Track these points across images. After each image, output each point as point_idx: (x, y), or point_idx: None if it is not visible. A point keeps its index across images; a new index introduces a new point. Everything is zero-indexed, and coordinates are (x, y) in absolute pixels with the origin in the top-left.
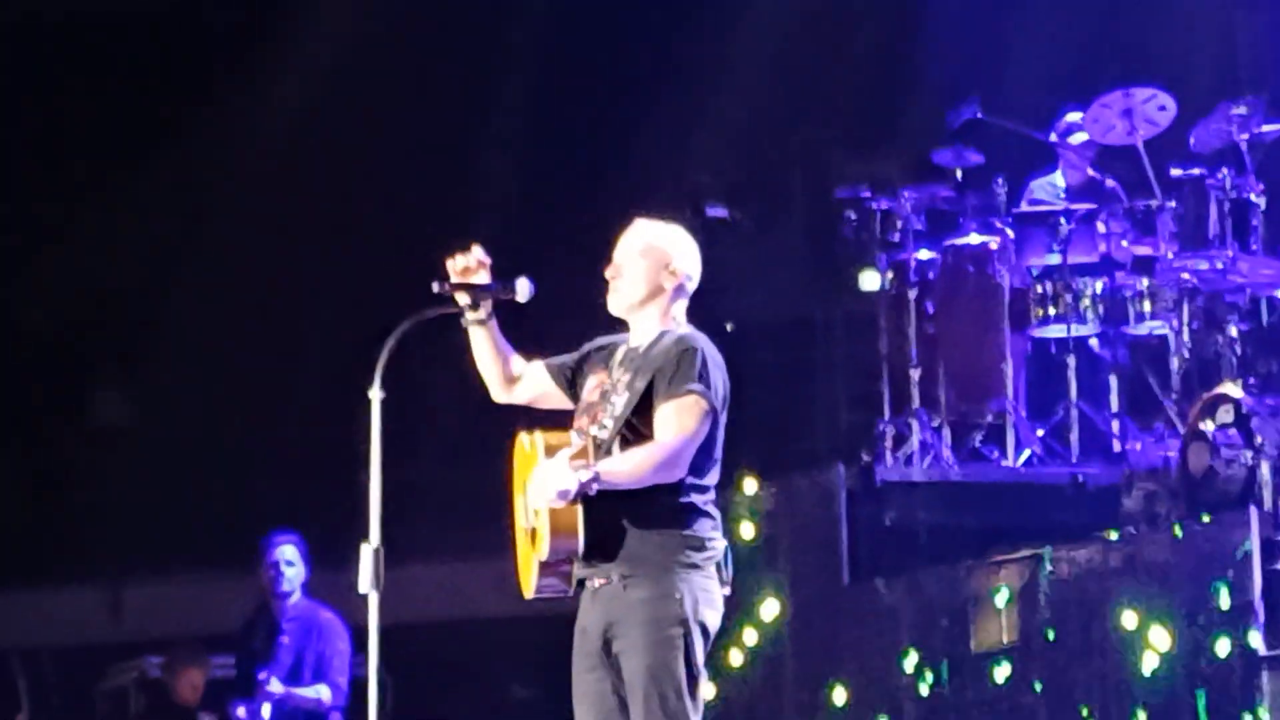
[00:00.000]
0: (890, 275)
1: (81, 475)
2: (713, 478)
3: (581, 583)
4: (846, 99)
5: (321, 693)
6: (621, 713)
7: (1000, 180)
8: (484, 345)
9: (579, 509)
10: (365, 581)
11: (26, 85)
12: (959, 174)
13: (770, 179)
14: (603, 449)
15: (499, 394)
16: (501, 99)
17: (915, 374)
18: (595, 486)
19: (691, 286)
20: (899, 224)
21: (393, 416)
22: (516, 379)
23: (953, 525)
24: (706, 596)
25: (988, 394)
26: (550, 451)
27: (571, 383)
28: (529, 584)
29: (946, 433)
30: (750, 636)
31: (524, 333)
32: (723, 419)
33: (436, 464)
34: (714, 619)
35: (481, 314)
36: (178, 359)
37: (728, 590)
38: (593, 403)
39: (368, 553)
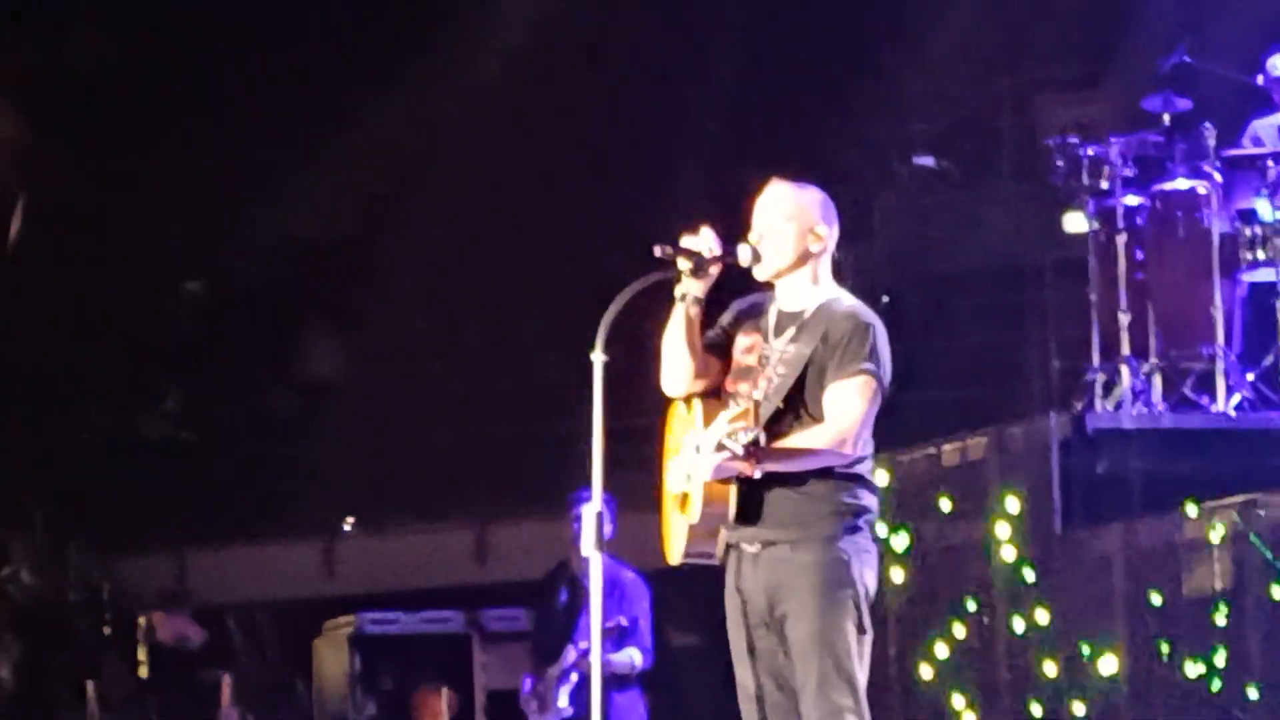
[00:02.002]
0: (1098, 222)
1: (296, 430)
2: (871, 444)
3: (729, 548)
4: (1055, 45)
5: (634, 657)
6: (788, 673)
7: (1208, 125)
8: (687, 329)
9: (731, 490)
10: (588, 544)
11: (240, 38)
12: (1167, 119)
13: (978, 126)
14: (763, 416)
15: (682, 385)
16: (712, 54)
17: (1125, 320)
18: (759, 473)
19: (833, 245)
20: (1107, 170)
21: (610, 377)
22: (703, 373)
23: (1164, 472)
24: (868, 558)
25: (1197, 339)
26: (709, 419)
27: (727, 352)
28: (677, 549)
29: (1157, 379)
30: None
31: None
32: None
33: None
34: (874, 579)
35: (698, 290)
36: (392, 313)
37: (879, 548)
38: (750, 366)
39: (590, 515)
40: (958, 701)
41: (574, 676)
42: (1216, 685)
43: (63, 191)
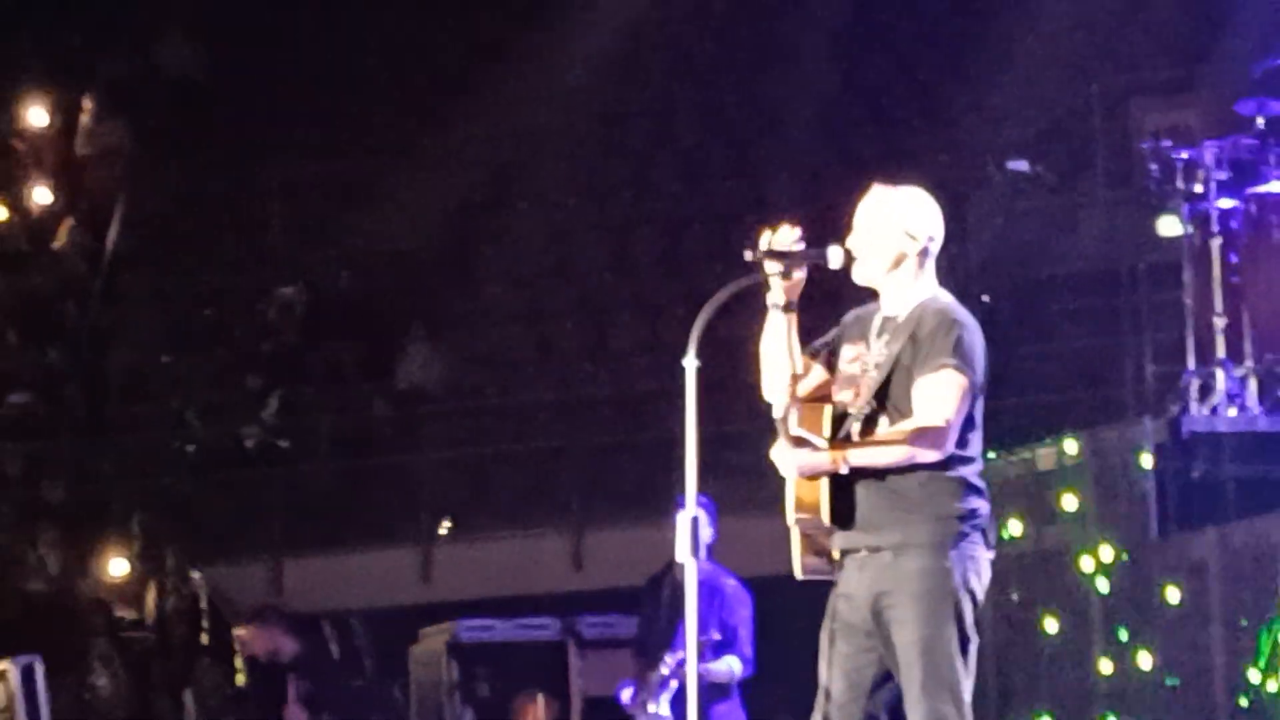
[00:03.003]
0: (1192, 225)
1: (392, 437)
2: (976, 447)
3: (842, 555)
4: (1148, 49)
5: (733, 666)
6: (876, 684)
7: None
8: (782, 335)
9: (822, 484)
10: (683, 550)
11: (336, 48)
12: (1261, 123)
13: (1072, 130)
14: (860, 421)
15: (781, 392)
16: (804, 60)
17: (1220, 324)
18: (845, 468)
19: (935, 248)
20: (1201, 174)
21: (705, 382)
22: (801, 378)
23: (1260, 476)
24: (975, 565)
25: None
26: (806, 425)
27: (833, 366)
28: (797, 564)
29: (1252, 383)
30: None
31: (830, 299)
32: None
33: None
34: (981, 586)
35: (782, 299)
36: (488, 320)
37: (992, 554)
38: (853, 375)
39: (684, 521)
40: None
41: (674, 684)
42: None
43: (161, 199)
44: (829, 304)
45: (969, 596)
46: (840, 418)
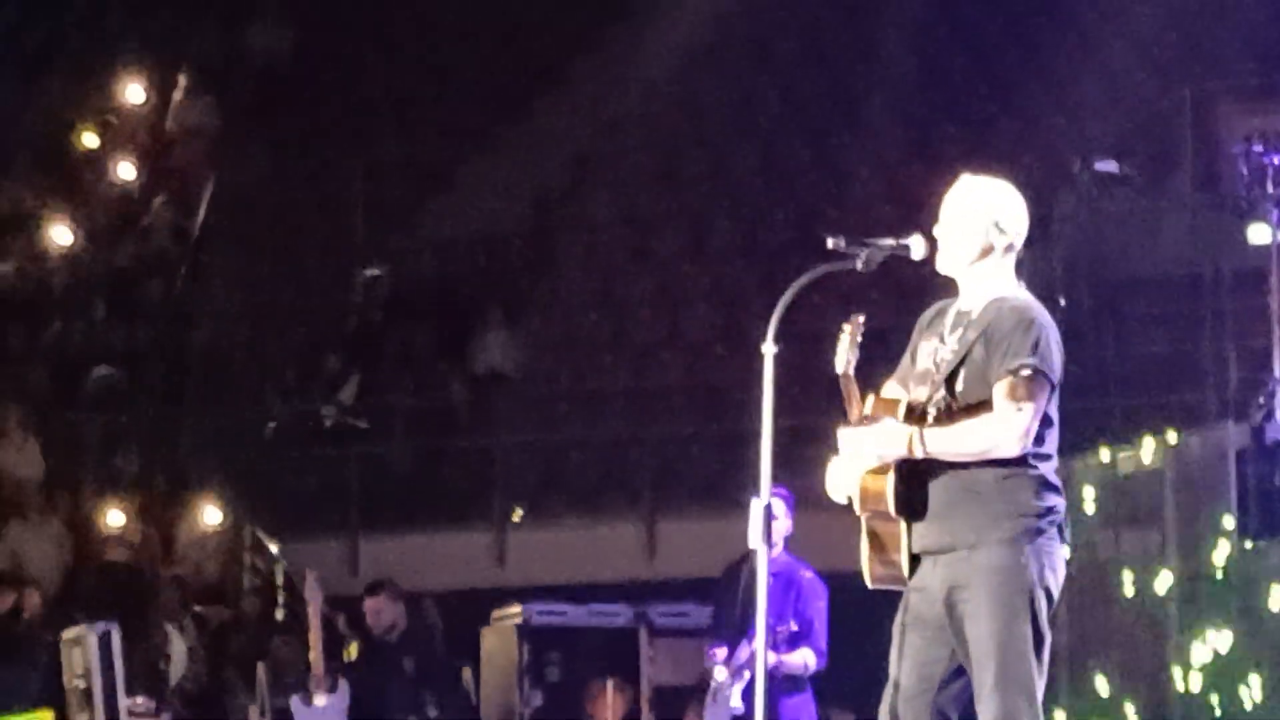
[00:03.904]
0: None
1: (468, 420)
2: (1052, 444)
3: (916, 561)
4: (1238, 51)
5: (807, 658)
6: (947, 679)
7: None
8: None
9: (889, 476)
10: (754, 536)
11: (421, 32)
12: None
13: (1160, 132)
14: (934, 412)
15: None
16: (888, 51)
17: None
18: (921, 450)
19: (1019, 244)
20: None
21: (780, 367)
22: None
23: None
24: (1050, 561)
25: None
26: (873, 419)
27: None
28: (867, 572)
29: None
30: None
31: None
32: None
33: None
34: (1056, 582)
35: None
36: (565, 306)
37: (1068, 552)
38: (927, 370)
39: (757, 508)
40: (1128, 709)
41: (747, 674)
42: None
43: (247, 179)
44: (911, 299)
45: (1044, 593)
46: (914, 411)
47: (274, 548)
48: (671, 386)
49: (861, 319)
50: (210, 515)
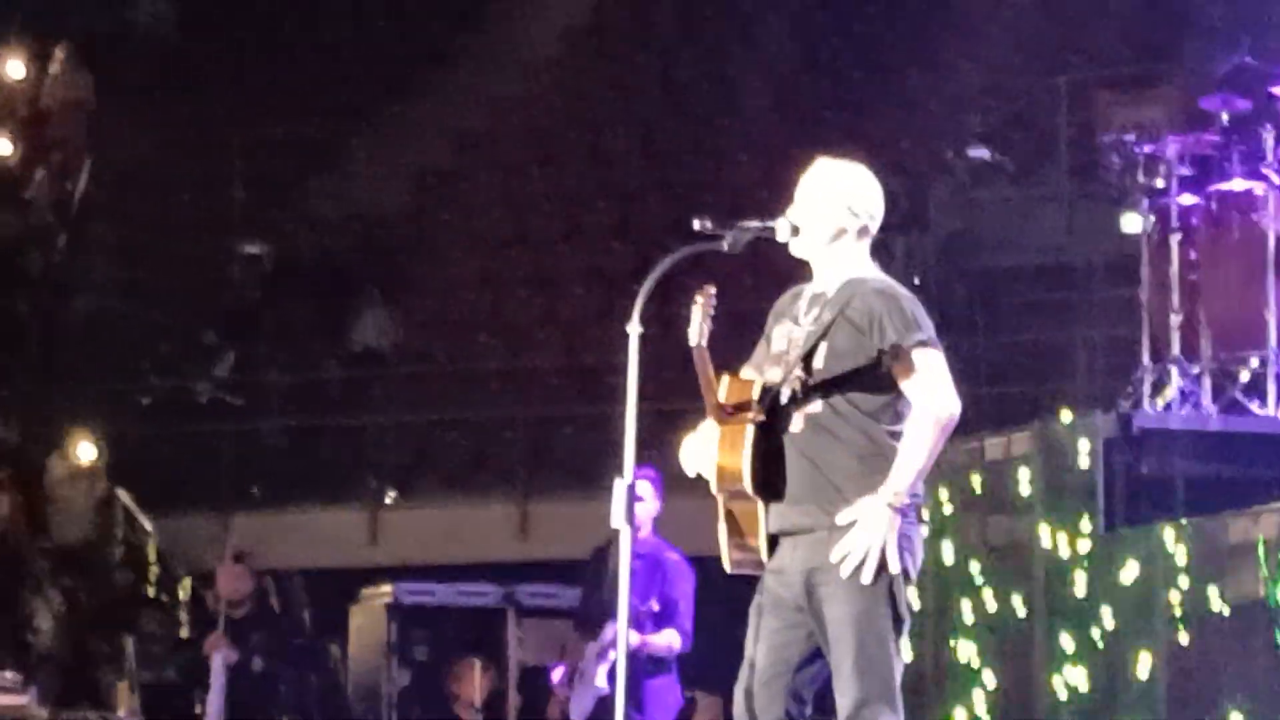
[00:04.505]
0: (1153, 221)
1: (344, 399)
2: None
3: (774, 543)
4: (1114, 41)
5: (672, 640)
6: (805, 660)
7: (1268, 126)
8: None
9: (745, 452)
10: (618, 517)
11: (305, 10)
12: (1225, 119)
13: (1035, 122)
14: (789, 391)
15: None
16: (766, 36)
17: (1176, 320)
18: (907, 498)
19: (874, 227)
20: (1163, 169)
21: (649, 349)
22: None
23: (1210, 475)
24: (909, 544)
25: (1249, 342)
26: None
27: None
28: (725, 557)
29: (1206, 381)
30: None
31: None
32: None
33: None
34: (915, 564)
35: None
36: (443, 286)
37: (926, 532)
38: (781, 352)
39: (620, 488)
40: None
41: (613, 655)
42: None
43: (128, 153)
44: (786, 283)
45: (902, 575)
46: (769, 393)
47: (147, 524)
48: (547, 367)
49: (713, 291)
50: (85, 452)
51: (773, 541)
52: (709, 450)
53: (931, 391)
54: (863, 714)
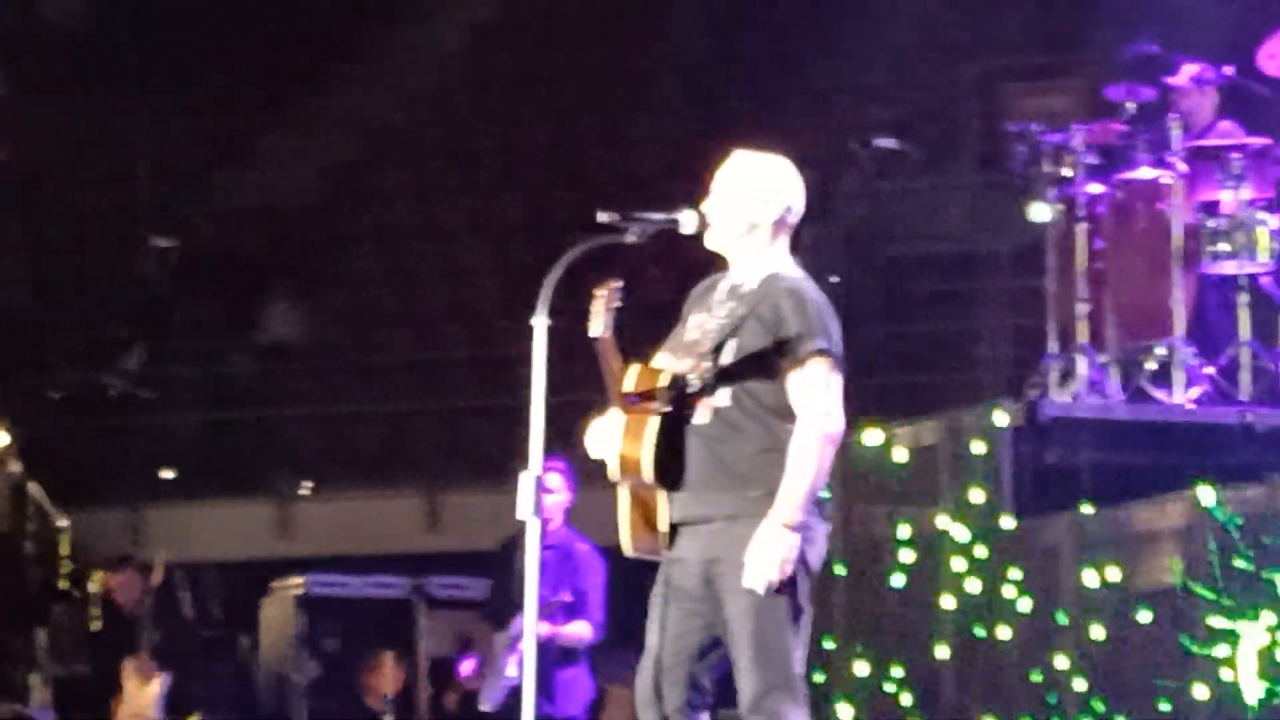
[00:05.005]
0: (1059, 209)
1: (254, 392)
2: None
3: (674, 528)
4: (1022, 32)
5: (583, 631)
6: (705, 649)
7: (1173, 115)
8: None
9: (646, 442)
10: (524, 508)
11: (214, 4)
12: (1131, 108)
13: (942, 112)
14: (698, 384)
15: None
16: (677, 28)
17: (1082, 309)
18: (801, 514)
19: (793, 219)
20: (1069, 158)
21: (558, 342)
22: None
23: (1117, 464)
24: (810, 535)
25: (1156, 331)
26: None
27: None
28: (626, 541)
29: (1113, 370)
30: (907, 557)
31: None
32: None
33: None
34: (817, 558)
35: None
36: (353, 280)
37: (828, 527)
38: (694, 341)
39: (527, 480)
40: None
41: (522, 645)
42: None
43: (36, 147)
44: (696, 275)
45: (803, 568)
46: (677, 383)
47: (59, 518)
48: (456, 360)
49: (616, 285)
50: None
51: (673, 530)
52: (613, 438)
53: (819, 404)
54: (764, 703)
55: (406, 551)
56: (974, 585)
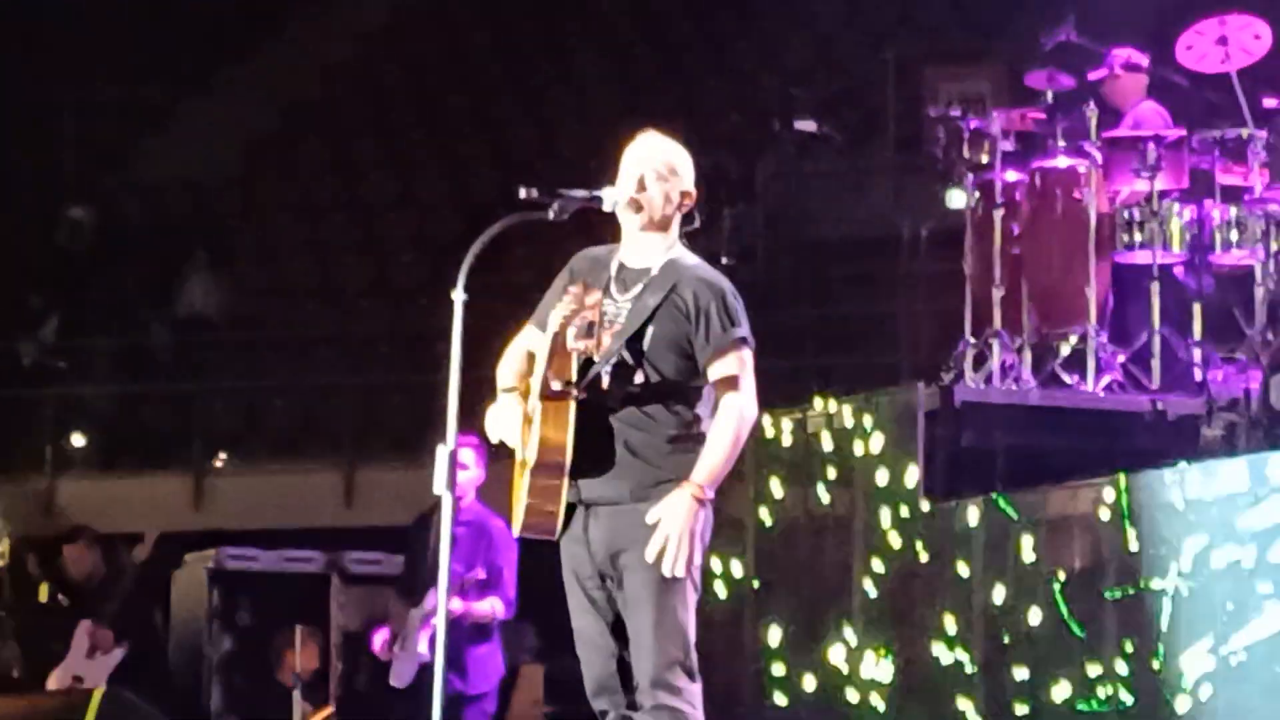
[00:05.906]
0: (977, 195)
1: (169, 364)
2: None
3: (573, 507)
4: (943, 16)
5: (495, 607)
6: (620, 626)
7: (1091, 104)
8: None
9: (569, 425)
10: (439, 483)
11: None
12: (1050, 96)
13: (863, 96)
14: (609, 368)
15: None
16: (601, 6)
17: (998, 295)
18: (711, 492)
19: (689, 204)
20: (988, 144)
21: (477, 318)
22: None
23: (1030, 448)
24: (711, 518)
25: (1070, 318)
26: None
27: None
28: (518, 522)
29: (1027, 355)
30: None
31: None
32: None
33: None
34: (709, 535)
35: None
36: (271, 253)
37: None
38: (591, 322)
39: (443, 454)
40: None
41: (435, 621)
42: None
43: None
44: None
45: (702, 545)
46: (585, 372)
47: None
48: (376, 335)
49: (583, 294)
50: None
51: (570, 510)
52: (515, 421)
53: (742, 391)
54: (663, 677)
55: (322, 525)
56: (888, 564)
